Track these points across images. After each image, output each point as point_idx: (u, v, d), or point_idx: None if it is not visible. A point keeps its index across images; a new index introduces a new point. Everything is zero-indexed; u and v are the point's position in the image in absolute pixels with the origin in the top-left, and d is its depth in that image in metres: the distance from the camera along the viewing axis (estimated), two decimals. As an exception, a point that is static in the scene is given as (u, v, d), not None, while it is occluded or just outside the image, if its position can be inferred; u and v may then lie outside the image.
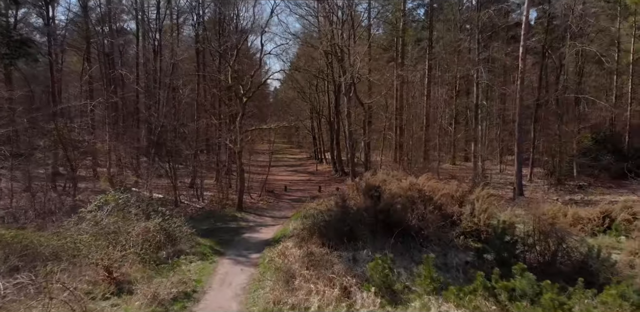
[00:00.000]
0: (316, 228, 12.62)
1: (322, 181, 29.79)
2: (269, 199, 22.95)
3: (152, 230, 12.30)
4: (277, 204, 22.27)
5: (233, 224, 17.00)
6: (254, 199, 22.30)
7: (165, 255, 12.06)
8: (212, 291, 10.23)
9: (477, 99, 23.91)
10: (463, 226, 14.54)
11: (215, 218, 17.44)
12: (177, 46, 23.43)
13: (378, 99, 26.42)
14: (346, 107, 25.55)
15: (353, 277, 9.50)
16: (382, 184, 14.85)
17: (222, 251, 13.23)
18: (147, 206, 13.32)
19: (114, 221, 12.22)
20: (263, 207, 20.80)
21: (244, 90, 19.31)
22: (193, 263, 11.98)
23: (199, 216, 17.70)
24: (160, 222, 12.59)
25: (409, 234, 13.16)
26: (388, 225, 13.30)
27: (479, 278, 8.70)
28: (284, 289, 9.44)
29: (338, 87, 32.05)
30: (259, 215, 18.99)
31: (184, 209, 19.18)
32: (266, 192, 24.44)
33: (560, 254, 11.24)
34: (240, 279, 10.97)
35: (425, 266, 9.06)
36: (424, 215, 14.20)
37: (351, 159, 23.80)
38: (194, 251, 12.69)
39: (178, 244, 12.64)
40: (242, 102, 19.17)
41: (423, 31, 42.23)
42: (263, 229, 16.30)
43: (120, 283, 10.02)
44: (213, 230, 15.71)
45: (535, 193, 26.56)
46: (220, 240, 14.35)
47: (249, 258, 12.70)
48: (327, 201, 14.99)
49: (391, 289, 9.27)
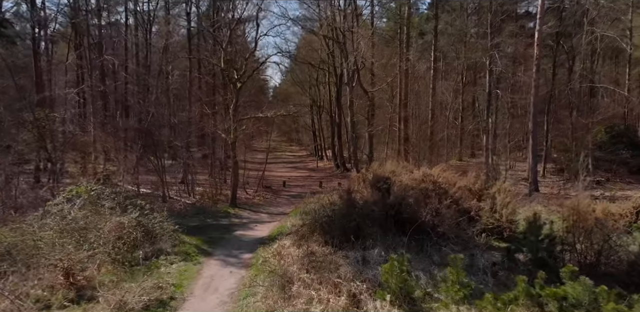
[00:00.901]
0: (317, 224, 10.93)
1: (323, 177, 28.10)
2: (265, 195, 21.27)
3: (128, 226, 10.60)
4: (275, 200, 20.58)
5: (225, 221, 15.31)
6: (249, 195, 20.61)
7: (142, 255, 10.36)
8: (194, 298, 8.55)
9: (489, 86, 22.24)
10: (484, 222, 12.94)
11: (205, 214, 15.76)
12: (168, 27, 21.70)
13: (383, 87, 24.71)
14: (349, 97, 23.86)
15: (363, 282, 7.82)
16: (392, 175, 13.17)
17: (209, 251, 11.54)
18: (124, 199, 11.61)
19: (83, 216, 10.54)
20: (259, 203, 19.11)
21: (237, 74, 17.62)
22: (174, 264, 10.30)
23: (188, 212, 16.01)
24: (137, 217, 10.90)
25: (423, 231, 11.51)
26: (399, 221, 11.65)
27: (521, 284, 7.00)
28: (279, 296, 7.77)
29: (340, 77, 30.39)
30: (254, 211, 17.31)
31: (172, 204, 17.47)
32: (263, 187, 22.75)
33: (605, 254, 9.58)
34: (229, 283, 9.29)
35: (453, 268, 7.35)
36: (439, 210, 12.58)
37: (354, 151, 22.12)
38: (176, 250, 11.00)
39: (158, 243, 10.95)
40: (236, 88, 17.48)
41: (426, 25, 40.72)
42: (258, 226, 14.62)
43: (83, 288, 8.34)
44: (202, 227, 14.02)
45: (551, 189, 24.94)
46: (208, 238, 12.66)
47: (240, 259, 11.01)
48: (329, 195, 13.29)
49: (410, 297, 7.60)
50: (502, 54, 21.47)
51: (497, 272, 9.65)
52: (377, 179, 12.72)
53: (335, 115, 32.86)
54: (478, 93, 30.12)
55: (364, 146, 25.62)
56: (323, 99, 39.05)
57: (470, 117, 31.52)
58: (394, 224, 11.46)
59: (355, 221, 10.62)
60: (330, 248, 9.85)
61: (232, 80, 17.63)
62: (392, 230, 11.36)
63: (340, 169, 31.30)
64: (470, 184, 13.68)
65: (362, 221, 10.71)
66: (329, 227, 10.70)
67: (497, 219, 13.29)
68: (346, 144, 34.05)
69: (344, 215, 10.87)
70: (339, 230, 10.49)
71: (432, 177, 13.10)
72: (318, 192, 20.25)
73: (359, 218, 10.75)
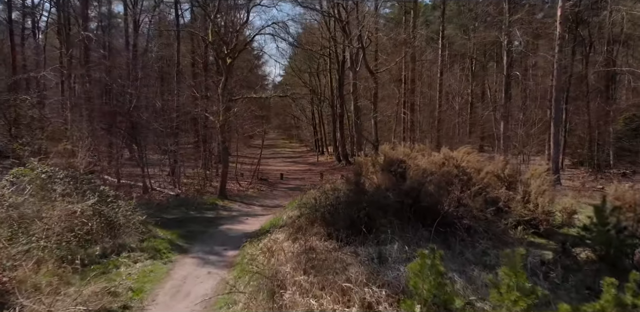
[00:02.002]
0: (318, 214, 8.82)
1: (324, 170, 25.98)
2: (260, 187, 19.17)
3: (82, 215, 8.52)
4: (271, 192, 18.49)
5: (210, 214, 13.21)
6: (242, 187, 18.52)
7: (98, 251, 8.29)
8: (155, 308, 6.46)
9: (507, 69, 20.16)
10: (517, 213, 10.88)
11: (188, 206, 13.65)
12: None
13: (389, 70, 22.59)
14: (352, 82, 21.75)
15: (381, 287, 5.71)
16: (407, 158, 11.07)
17: (185, 247, 9.44)
18: (81, 184, 9.49)
19: (27, 202, 8.44)
20: (253, 196, 17.02)
21: (227, 49, 15.52)
22: (139, 263, 8.21)
23: (169, 204, 13.93)
24: (94, 203, 8.81)
25: (445, 224, 9.46)
26: (418, 211, 9.56)
27: (609, 290, 4.91)
28: (266, 305, 5.68)
29: (342, 63, 28.30)
30: (246, 204, 15.21)
31: (154, 196, 15.42)
32: (258, 179, 20.67)
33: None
34: (204, 287, 7.19)
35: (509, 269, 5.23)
36: (462, 199, 10.52)
37: (357, 139, 20.02)
38: (144, 246, 8.90)
39: (121, 236, 8.84)
40: (226, 63, 15.39)
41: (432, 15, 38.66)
42: (249, 220, 12.53)
43: (4, 294, 6.24)
44: (182, 220, 11.93)
45: (573, 182, 22.84)
46: (187, 232, 10.56)
47: (222, 256, 8.91)
48: (332, 182, 11.18)
49: (446, 308, 5.51)
50: (524, 30, 19.28)
51: (548, 272, 7.56)
52: (390, 162, 10.62)
53: (337, 105, 30.76)
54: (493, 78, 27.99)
55: (369, 135, 23.46)
56: (324, 90, 36.90)
57: (479, 107, 29.37)
58: (410, 214, 9.38)
59: (365, 210, 8.51)
60: (334, 243, 7.75)
61: (221, 56, 15.54)
62: (411, 221, 9.29)
63: (343, 162, 29.19)
64: (498, 169, 11.56)
65: (374, 209, 8.60)
66: (332, 217, 8.59)
67: (531, 210, 11.24)
68: (349, 137, 31.96)
69: (351, 203, 8.76)
70: (345, 220, 8.38)
71: (454, 161, 11.01)
72: (319, 184, 18.22)
73: (369, 206, 8.64)
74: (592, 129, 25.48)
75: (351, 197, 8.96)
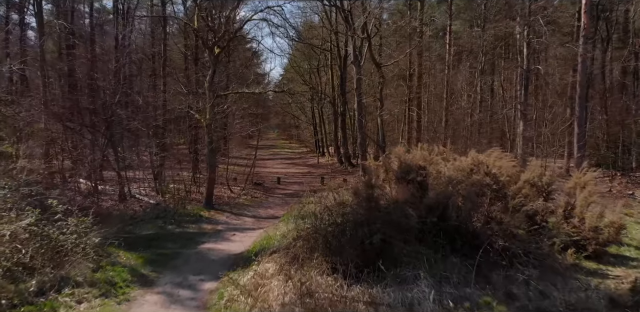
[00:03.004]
0: (320, 238, 6.86)
1: (325, 173, 24.02)
2: (254, 193, 17.20)
3: (14, 239, 6.58)
4: (266, 199, 16.54)
5: (192, 228, 11.25)
6: (234, 194, 16.56)
7: (34, 287, 6.34)
8: None
9: (527, 62, 18.22)
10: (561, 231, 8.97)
11: (167, 218, 11.69)
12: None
13: (397, 61, 20.63)
14: (356, 77, 19.81)
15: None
16: (427, 163, 9.11)
17: (151, 277, 7.48)
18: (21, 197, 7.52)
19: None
20: (245, 204, 15.05)
21: (215, 37, 13.58)
22: (84, 304, 6.27)
23: (146, 215, 11.97)
24: (32, 223, 6.86)
25: (475, 246, 7.57)
26: (445, 232, 7.62)
27: None
28: None
29: (344, 59, 26.36)
30: (236, 214, 13.25)
31: (131, 205, 13.47)
32: (253, 184, 18.72)
33: None
34: (164, 344, 5.25)
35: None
36: (494, 214, 8.64)
37: (361, 140, 18.09)
38: (96, 278, 6.94)
39: (65, 266, 6.89)
40: (213, 54, 13.43)
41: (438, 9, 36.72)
42: (237, 236, 10.56)
43: None
44: (155, 237, 9.97)
45: (597, 186, 20.85)
46: (158, 255, 8.60)
47: (196, 291, 6.95)
48: (336, 191, 9.20)
49: None
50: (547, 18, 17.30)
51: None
52: (406, 168, 8.66)
53: (339, 103, 28.81)
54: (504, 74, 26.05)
55: (375, 135, 21.50)
56: (324, 88, 34.95)
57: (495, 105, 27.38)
58: (440, 236, 7.43)
59: (379, 233, 6.56)
60: (340, 279, 5.81)
61: (208, 45, 13.59)
62: (437, 244, 7.36)
63: (345, 164, 27.25)
64: (535, 176, 9.60)
65: (391, 231, 6.66)
66: (338, 242, 6.63)
67: (576, 227, 9.31)
68: (351, 138, 30.03)
69: (361, 223, 6.80)
70: (354, 247, 6.43)
71: (485, 167, 9.05)
72: (319, 190, 16.30)
73: (385, 227, 6.69)
74: (611, 128, 23.57)
75: (361, 214, 7.01)
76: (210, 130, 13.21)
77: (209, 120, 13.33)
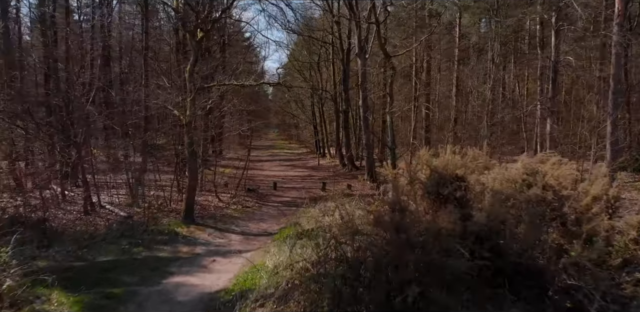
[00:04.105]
0: (326, 284, 4.66)
1: (327, 177, 21.79)
2: (246, 201, 14.99)
3: None
4: (259, 209, 14.34)
5: (164, 251, 9.03)
6: (222, 202, 14.34)
7: None
8: None
9: (556, 52, 16.04)
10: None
11: (135, 237, 9.48)
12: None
13: (413, 48, 18.39)
14: (360, 71, 17.60)
15: None
16: (466, 172, 6.89)
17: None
18: None
19: None
20: (233, 216, 12.83)
21: (198, 19, 11.37)
22: None
23: (109, 233, 9.75)
24: None
25: (533, 285, 5.47)
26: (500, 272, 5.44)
27: None
28: None
29: (347, 52, 24.15)
30: (221, 230, 11.02)
31: (96, 218, 11.27)
32: (245, 191, 16.52)
33: None
34: None
35: None
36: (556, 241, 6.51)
37: (367, 140, 15.89)
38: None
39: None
40: (195, 39, 11.22)
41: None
42: (217, 263, 8.36)
43: None
44: (114, 267, 7.75)
45: (630, 192, 18.73)
46: (106, 297, 6.39)
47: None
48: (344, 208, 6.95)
49: None
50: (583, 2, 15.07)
51: None
52: (440, 180, 6.45)
53: (341, 101, 26.62)
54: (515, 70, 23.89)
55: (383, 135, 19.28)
56: (326, 85, 32.76)
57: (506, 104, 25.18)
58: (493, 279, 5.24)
59: (416, 282, 4.35)
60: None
61: (189, 28, 11.38)
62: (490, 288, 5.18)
63: (348, 167, 25.03)
64: (603, 190, 7.38)
65: (433, 280, 4.46)
66: (352, 293, 4.44)
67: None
68: (354, 138, 27.84)
69: (387, 264, 4.60)
70: (377, 304, 4.25)
71: (541, 178, 6.85)
72: (321, 198, 14.12)
73: (423, 274, 4.49)
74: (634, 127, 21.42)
75: (385, 251, 4.80)
76: (191, 129, 11.00)
77: (189, 117, 11.12)
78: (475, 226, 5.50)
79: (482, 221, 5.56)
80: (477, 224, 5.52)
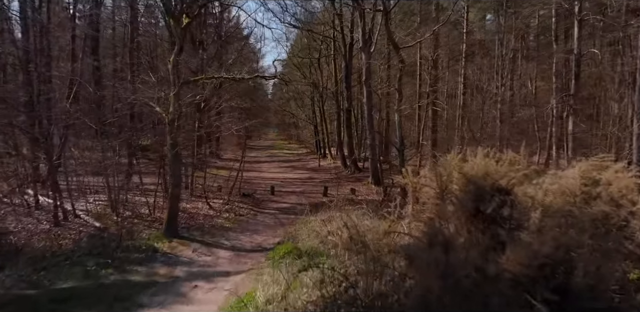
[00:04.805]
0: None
1: (328, 180, 20.38)
2: (240, 209, 13.56)
3: None
4: (254, 217, 12.89)
5: (138, 273, 7.59)
6: (213, 210, 12.92)
7: None
8: None
9: (578, 43, 14.62)
10: None
11: (106, 255, 8.05)
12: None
13: (425, 39, 16.88)
14: (365, 66, 16.15)
15: None
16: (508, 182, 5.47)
17: None
18: None
19: None
20: (224, 226, 11.38)
21: (183, 3, 9.96)
22: None
23: (76, 251, 8.33)
24: None
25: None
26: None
27: None
28: None
29: (349, 47, 22.71)
30: (208, 245, 9.57)
31: (68, 230, 9.84)
32: (240, 196, 15.10)
33: None
34: None
35: None
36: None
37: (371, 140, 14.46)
38: None
39: None
40: (180, 25, 9.80)
41: None
42: (199, 289, 6.92)
43: None
44: (70, 297, 6.31)
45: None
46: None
47: None
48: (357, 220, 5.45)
49: None
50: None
51: None
52: (478, 192, 5.03)
53: (343, 99, 25.17)
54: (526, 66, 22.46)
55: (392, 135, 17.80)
56: (326, 82, 31.31)
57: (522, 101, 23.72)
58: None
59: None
60: None
61: (173, 13, 9.94)
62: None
63: (350, 168, 23.58)
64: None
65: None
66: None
67: None
68: (356, 138, 26.38)
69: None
70: None
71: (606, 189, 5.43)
72: (322, 204, 12.70)
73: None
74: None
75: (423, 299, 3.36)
76: (174, 128, 9.55)
77: (172, 115, 9.68)
78: (537, 259, 4.06)
79: (544, 251, 4.12)
80: (539, 255, 4.07)
